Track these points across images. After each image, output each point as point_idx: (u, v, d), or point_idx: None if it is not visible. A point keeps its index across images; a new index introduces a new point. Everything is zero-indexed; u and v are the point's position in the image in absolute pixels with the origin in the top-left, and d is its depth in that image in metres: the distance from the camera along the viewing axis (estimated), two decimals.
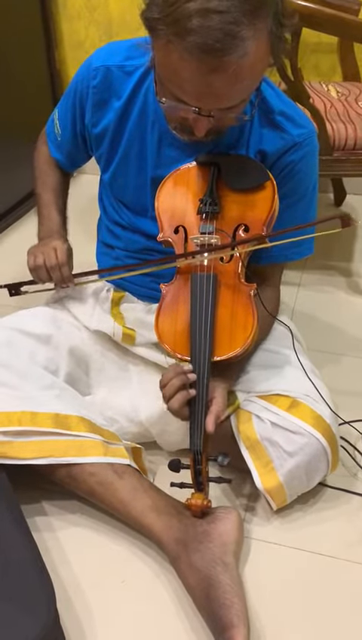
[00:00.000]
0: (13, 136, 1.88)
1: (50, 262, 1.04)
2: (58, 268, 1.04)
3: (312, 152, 1.00)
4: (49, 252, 1.05)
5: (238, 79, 0.77)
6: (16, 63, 1.90)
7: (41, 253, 1.05)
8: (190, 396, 0.89)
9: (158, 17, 0.75)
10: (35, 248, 1.08)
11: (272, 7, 0.76)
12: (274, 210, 0.96)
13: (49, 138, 1.16)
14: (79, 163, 1.17)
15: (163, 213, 0.99)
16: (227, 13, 0.72)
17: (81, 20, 2.06)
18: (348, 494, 1.06)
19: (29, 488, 1.03)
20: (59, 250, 1.05)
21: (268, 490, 0.97)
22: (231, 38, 0.73)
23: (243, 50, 0.74)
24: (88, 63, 1.00)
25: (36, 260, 1.05)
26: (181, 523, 0.91)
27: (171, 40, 0.75)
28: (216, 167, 0.97)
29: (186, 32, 0.73)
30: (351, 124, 1.46)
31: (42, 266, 1.05)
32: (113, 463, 0.96)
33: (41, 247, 1.07)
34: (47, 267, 1.04)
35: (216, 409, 0.90)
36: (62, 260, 1.04)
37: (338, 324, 1.50)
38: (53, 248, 1.05)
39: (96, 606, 0.90)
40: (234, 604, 0.82)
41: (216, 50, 0.73)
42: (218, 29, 0.72)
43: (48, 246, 1.06)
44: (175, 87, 0.80)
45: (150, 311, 1.10)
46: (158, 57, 0.80)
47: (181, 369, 0.89)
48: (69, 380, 1.08)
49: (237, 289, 0.95)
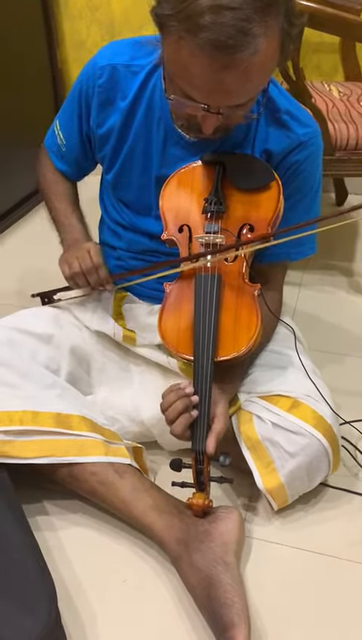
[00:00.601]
0: (15, 136, 1.88)
1: (85, 265, 1.02)
2: (95, 270, 1.02)
3: (317, 151, 1.00)
4: (83, 255, 1.02)
5: (249, 77, 0.77)
6: (18, 62, 1.89)
7: (75, 259, 1.02)
8: (192, 419, 0.88)
9: (170, 14, 0.75)
10: (67, 255, 1.05)
11: (283, 5, 0.76)
12: (279, 210, 0.96)
13: (51, 151, 1.14)
14: (86, 170, 1.16)
15: (167, 212, 0.99)
16: (239, 10, 0.72)
17: (83, 20, 2.06)
18: (349, 494, 1.06)
19: (30, 488, 1.03)
20: (92, 252, 1.02)
21: (270, 490, 0.97)
22: (243, 35, 0.73)
23: (254, 48, 0.74)
24: (93, 63, 1.00)
25: (72, 266, 1.02)
26: (182, 522, 0.91)
27: (183, 36, 0.75)
28: (222, 167, 0.97)
29: (198, 28, 0.73)
30: (352, 124, 1.46)
31: (79, 272, 1.02)
32: (114, 463, 0.96)
33: (74, 253, 1.04)
34: (84, 270, 1.02)
35: (217, 428, 0.89)
36: (98, 261, 1.02)
37: (339, 324, 1.50)
38: (86, 251, 1.03)
39: (97, 605, 0.90)
40: (235, 603, 0.82)
41: (228, 47, 0.73)
42: (230, 26, 0.72)
43: (81, 250, 1.03)
44: (185, 84, 0.80)
45: (152, 312, 1.10)
46: (168, 54, 0.80)
47: (183, 392, 0.88)
48: (70, 380, 1.07)
49: (241, 289, 0.95)
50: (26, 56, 1.95)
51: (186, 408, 0.88)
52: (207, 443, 0.87)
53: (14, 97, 1.89)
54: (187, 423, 0.88)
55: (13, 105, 1.88)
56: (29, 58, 1.97)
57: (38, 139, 1.21)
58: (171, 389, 0.91)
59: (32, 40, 1.98)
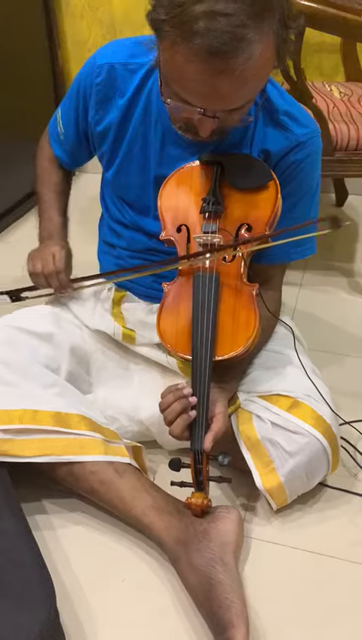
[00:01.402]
0: (16, 135, 1.88)
1: (47, 269, 1.05)
2: (55, 275, 1.06)
3: (316, 151, 1.00)
4: (47, 258, 1.06)
5: (244, 82, 0.77)
6: (19, 61, 1.90)
7: (39, 260, 1.06)
8: (191, 419, 0.88)
9: (164, 19, 0.75)
10: (33, 253, 1.09)
11: (278, 9, 0.76)
12: (277, 210, 0.96)
13: (51, 136, 1.16)
14: (81, 162, 1.17)
15: (165, 212, 0.99)
16: (233, 15, 0.72)
17: (84, 19, 2.06)
18: (348, 494, 1.06)
19: (29, 487, 1.03)
20: (57, 257, 1.05)
21: (269, 490, 0.97)
22: (237, 41, 0.73)
23: (249, 53, 0.74)
24: (92, 61, 1.00)
25: (34, 266, 1.07)
26: (181, 522, 0.92)
27: (177, 42, 0.75)
28: (220, 167, 0.97)
29: (193, 34, 0.73)
30: (353, 124, 1.46)
31: (40, 273, 1.06)
32: (114, 462, 0.97)
33: (40, 253, 1.08)
34: (45, 274, 1.06)
35: (216, 427, 0.89)
36: (60, 267, 1.06)
37: (339, 325, 1.50)
38: (51, 254, 1.06)
39: (96, 605, 0.90)
40: (233, 603, 0.82)
41: (222, 52, 0.73)
42: (225, 32, 0.72)
43: (46, 252, 1.07)
44: (180, 89, 0.80)
45: (151, 311, 1.10)
46: (164, 58, 0.80)
47: (181, 393, 0.89)
48: (70, 379, 1.08)
49: (240, 289, 0.95)
50: (27, 55, 1.95)
51: (185, 409, 0.88)
52: (204, 440, 0.87)
53: (15, 96, 1.89)
54: (185, 424, 0.88)
55: (15, 104, 1.88)
56: (30, 57, 1.97)
57: (38, 138, 1.21)
58: (170, 389, 0.91)
59: (33, 39, 1.98)
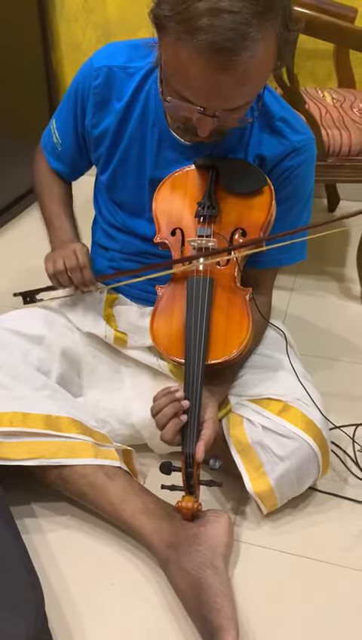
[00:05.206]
0: (10, 137, 1.88)
1: (70, 264, 1.02)
2: (79, 270, 1.03)
3: (310, 158, 1.00)
4: (69, 255, 1.03)
5: (246, 80, 0.78)
6: (14, 64, 1.89)
7: (60, 257, 1.03)
8: (182, 424, 0.88)
9: (169, 15, 0.75)
10: (53, 254, 1.06)
11: (281, 10, 0.77)
12: (272, 215, 0.96)
13: (46, 151, 1.14)
14: (82, 170, 1.16)
15: (160, 215, 0.99)
16: (238, 13, 0.72)
17: (78, 22, 2.06)
18: (338, 499, 1.06)
19: (19, 490, 1.02)
20: (79, 252, 1.03)
21: (259, 494, 0.97)
22: (241, 39, 0.73)
23: (252, 51, 0.74)
24: (90, 64, 1.00)
25: (56, 264, 1.03)
26: (171, 526, 0.91)
27: (181, 38, 0.75)
28: (215, 171, 0.97)
29: (197, 30, 0.73)
30: (345, 130, 1.47)
31: (63, 270, 1.02)
32: (104, 465, 0.96)
33: (60, 252, 1.05)
34: (68, 269, 1.02)
35: (207, 433, 0.89)
36: (83, 262, 1.03)
37: (330, 329, 1.50)
38: (72, 250, 1.03)
39: (85, 609, 0.89)
40: (223, 607, 0.82)
41: (226, 49, 0.73)
42: (229, 29, 0.72)
43: (67, 249, 1.04)
44: (181, 86, 0.80)
45: (143, 314, 1.10)
46: (166, 55, 0.80)
47: (173, 396, 0.88)
48: (61, 381, 1.07)
49: (233, 293, 0.95)
50: (22, 57, 1.95)
51: (176, 413, 0.88)
52: (196, 449, 0.87)
53: (9, 98, 1.88)
54: (177, 428, 0.88)
55: (9, 106, 1.88)
56: (24, 60, 1.97)
57: (33, 139, 1.21)
58: (162, 393, 0.91)
59: (27, 42, 1.98)
